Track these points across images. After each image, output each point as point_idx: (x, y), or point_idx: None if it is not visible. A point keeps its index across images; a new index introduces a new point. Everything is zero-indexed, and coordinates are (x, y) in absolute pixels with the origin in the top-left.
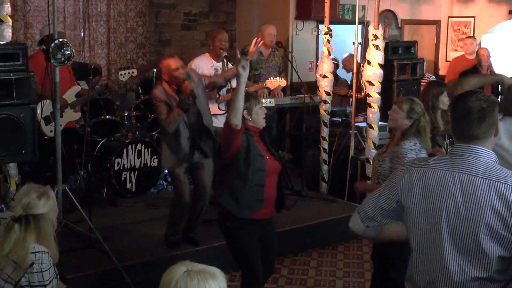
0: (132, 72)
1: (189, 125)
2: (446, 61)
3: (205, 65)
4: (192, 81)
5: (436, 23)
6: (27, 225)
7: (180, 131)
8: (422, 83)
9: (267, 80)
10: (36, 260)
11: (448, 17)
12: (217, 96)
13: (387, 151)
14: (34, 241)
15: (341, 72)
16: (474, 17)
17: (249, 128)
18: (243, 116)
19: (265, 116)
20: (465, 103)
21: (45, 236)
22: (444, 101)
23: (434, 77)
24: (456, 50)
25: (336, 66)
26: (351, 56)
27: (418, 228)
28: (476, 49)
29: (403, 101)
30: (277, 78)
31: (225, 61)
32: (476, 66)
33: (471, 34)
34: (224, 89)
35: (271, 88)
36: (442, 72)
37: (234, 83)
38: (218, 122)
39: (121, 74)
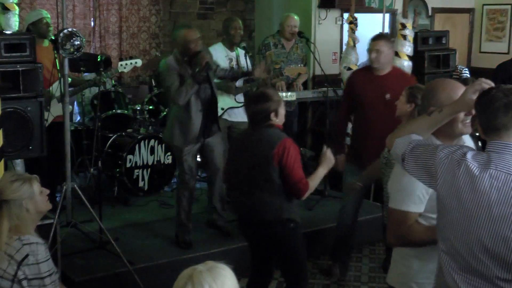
0: (136, 63)
1: (201, 98)
2: (480, 52)
3: (219, 55)
4: (208, 54)
5: (470, 11)
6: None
7: (191, 104)
8: (454, 76)
9: (286, 68)
10: (31, 251)
11: (483, 5)
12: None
13: None
14: (7, 229)
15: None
16: (511, 4)
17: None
18: (271, 118)
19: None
20: (487, 94)
21: (20, 225)
22: None
23: (467, 69)
24: (491, 41)
25: None
26: None
27: (447, 221)
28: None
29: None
30: (298, 66)
31: (243, 52)
32: None
33: (508, 23)
34: (241, 81)
35: (291, 76)
36: (475, 64)
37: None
38: (235, 116)
39: (120, 65)
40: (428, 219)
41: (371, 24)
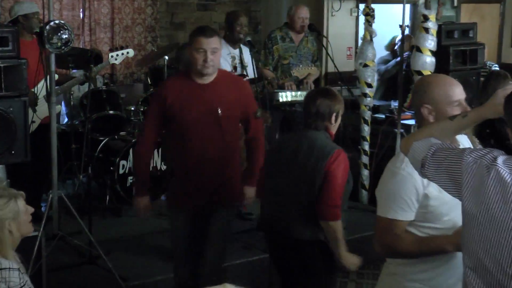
0: (127, 53)
1: None
2: None
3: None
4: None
5: (500, 1)
6: None
7: None
8: (482, 73)
9: (295, 69)
10: (2, 277)
11: None
12: None
13: None
14: None
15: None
16: None
17: (330, 135)
18: (331, 120)
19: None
20: None
21: None
22: None
23: (497, 66)
24: None
25: None
26: (407, 37)
27: (473, 233)
28: None
29: None
30: (308, 66)
31: (247, 48)
32: None
33: None
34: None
35: (300, 78)
36: (506, 59)
37: (250, 71)
38: None
39: (111, 56)
40: (419, 228)
41: (389, 16)
